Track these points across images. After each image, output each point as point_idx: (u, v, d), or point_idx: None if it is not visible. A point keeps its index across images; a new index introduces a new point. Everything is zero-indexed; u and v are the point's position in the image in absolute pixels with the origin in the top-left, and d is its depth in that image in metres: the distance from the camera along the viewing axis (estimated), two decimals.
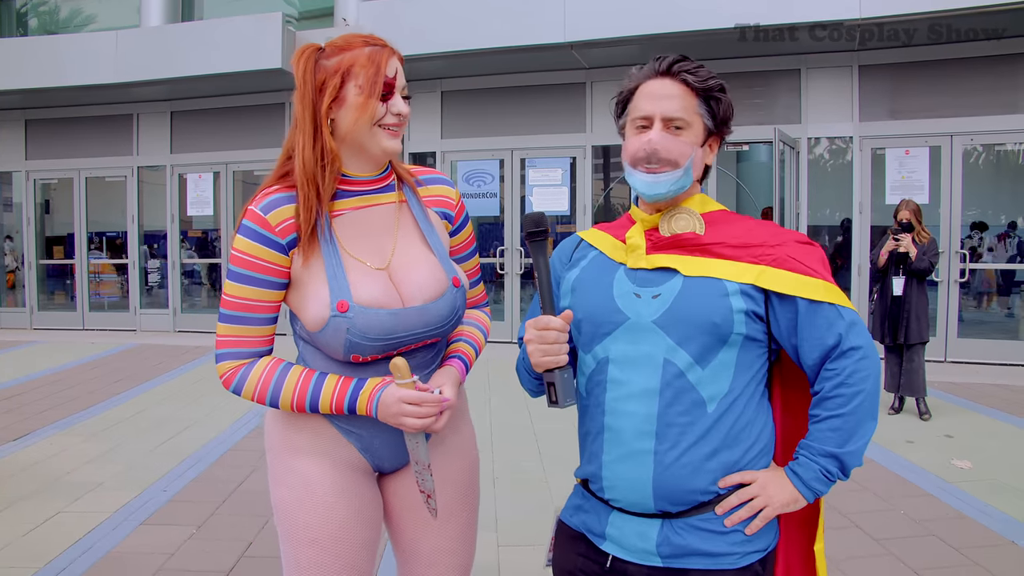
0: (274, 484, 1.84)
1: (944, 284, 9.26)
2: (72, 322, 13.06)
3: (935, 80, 9.35)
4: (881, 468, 5.20)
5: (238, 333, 1.73)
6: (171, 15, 12.49)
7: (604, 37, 9.25)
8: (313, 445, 1.79)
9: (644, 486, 1.56)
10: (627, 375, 1.58)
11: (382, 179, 1.84)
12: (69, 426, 6.41)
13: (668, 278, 1.60)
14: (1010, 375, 8.45)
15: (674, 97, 1.62)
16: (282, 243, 1.70)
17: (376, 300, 1.70)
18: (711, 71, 1.65)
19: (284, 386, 1.72)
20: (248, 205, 1.74)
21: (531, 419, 6.37)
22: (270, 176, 1.79)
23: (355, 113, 1.70)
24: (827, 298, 1.55)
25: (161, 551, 3.92)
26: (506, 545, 3.99)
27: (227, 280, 1.73)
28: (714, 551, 1.55)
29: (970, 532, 4.11)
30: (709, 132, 1.67)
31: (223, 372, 1.75)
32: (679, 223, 1.65)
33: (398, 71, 1.76)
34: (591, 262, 1.75)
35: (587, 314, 1.67)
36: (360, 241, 1.77)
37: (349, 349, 1.69)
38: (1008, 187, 11.68)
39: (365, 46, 1.73)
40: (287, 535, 1.79)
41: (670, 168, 1.61)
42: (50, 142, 13.12)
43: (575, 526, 1.73)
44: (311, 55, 1.73)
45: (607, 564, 1.64)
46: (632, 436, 1.57)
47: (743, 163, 13.99)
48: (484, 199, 11.16)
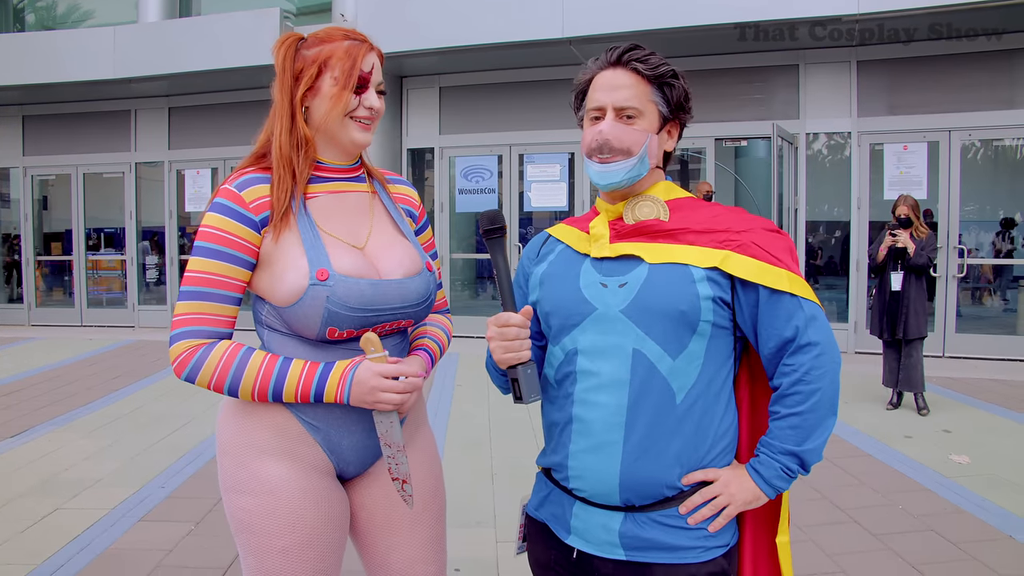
0: (234, 491, 1.73)
1: (942, 279, 9.26)
2: (70, 318, 13.04)
3: (933, 76, 9.34)
4: (879, 463, 5.21)
5: (199, 310, 1.64)
6: (168, 11, 12.45)
7: (602, 32, 9.23)
8: (277, 444, 1.71)
9: (611, 477, 1.56)
10: (597, 366, 1.58)
11: (354, 169, 1.86)
12: (67, 423, 6.41)
13: (633, 266, 1.60)
14: (1008, 370, 8.46)
15: (626, 87, 1.62)
16: (255, 219, 1.67)
17: (356, 270, 1.69)
18: (663, 58, 1.66)
19: (246, 370, 1.64)
20: (221, 184, 1.72)
21: (529, 415, 6.37)
22: (247, 158, 1.78)
23: (328, 104, 1.71)
24: (790, 288, 1.54)
25: (159, 547, 3.92)
26: (504, 541, 3.99)
27: (192, 257, 1.67)
28: (677, 545, 1.56)
29: (968, 527, 4.12)
30: (665, 118, 1.67)
31: (178, 353, 1.64)
32: (643, 210, 1.65)
33: (375, 66, 1.76)
34: (558, 255, 1.75)
35: (555, 306, 1.67)
36: (335, 221, 1.76)
37: (327, 320, 1.64)
38: (1006, 182, 11.69)
39: (345, 39, 1.73)
40: (252, 546, 1.70)
41: (623, 157, 1.61)
42: (48, 138, 13.10)
43: (542, 519, 1.74)
44: (292, 44, 1.75)
45: (573, 556, 1.65)
46: (601, 427, 1.57)
47: (741, 159, 13.96)
48: (482, 195, 11.14)
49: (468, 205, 11.28)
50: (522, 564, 3.25)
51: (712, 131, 10.00)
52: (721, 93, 9.77)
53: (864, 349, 9.40)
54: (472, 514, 4.33)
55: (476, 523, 4.23)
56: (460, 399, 7.14)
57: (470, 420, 6.40)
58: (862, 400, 7.02)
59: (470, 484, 4.81)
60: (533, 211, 11.41)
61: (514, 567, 3.68)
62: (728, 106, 9.87)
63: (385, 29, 9.81)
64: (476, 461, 5.31)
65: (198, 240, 1.66)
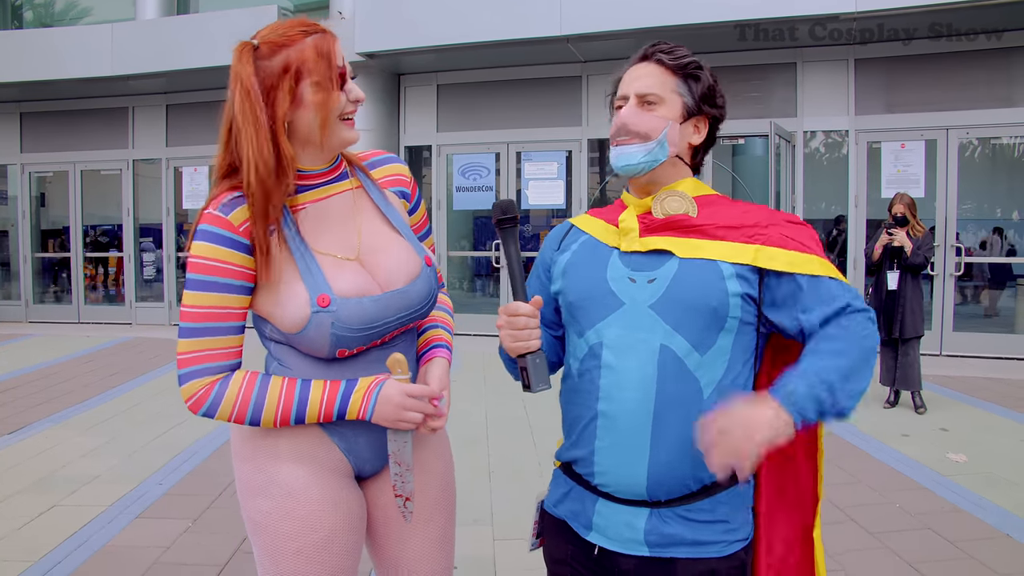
0: (251, 495, 1.70)
1: (939, 278, 9.27)
2: (67, 315, 13.03)
3: (931, 74, 9.35)
4: (876, 462, 5.21)
5: (206, 347, 1.58)
6: (166, 8, 12.43)
7: (600, 30, 9.23)
8: (294, 448, 1.68)
9: (639, 473, 1.55)
10: (622, 361, 1.57)
11: (334, 170, 1.75)
12: (64, 419, 6.41)
13: (663, 261, 1.60)
14: (1005, 368, 8.47)
15: (648, 76, 1.66)
16: (246, 243, 1.58)
17: (356, 289, 1.63)
18: (689, 52, 1.68)
19: (267, 400, 1.60)
20: (203, 211, 1.60)
21: (526, 412, 6.37)
22: (218, 177, 1.65)
23: (319, 112, 1.60)
24: (826, 272, 1.55)
25: (156, 544, 3.92)
26: (502, 539, 3.99)
27: (187, 291, 1.58)
28: (700, 540, 1.56)
29: (965, 525, 4.13)
30: (690, 110, 1.67)
31: (192, 393, 1.59)
32: (671, 205, 1.65)
33: (343, 55, 1.66)
34: (582, 245, 1.74)
35: (579, 297, 1.66)
36: (324, 235, 1.68)
37: (335, 344, 1.61)
38: (1003, 180, 11.69)
39: (306, 36, 1.60)
40: (268, 548, 1.68)
41: (639, 140, 1.63)
42: (45, 135, 13.08)
43: (561, 516, 1.72)
44: (248, 56, 1.58)
45: (594, 553, 1.64)
46: (629, 423, 1.55)
47: (739, 157, 13.96)
48: (480, 193, 11.13)
49: (465, 203, 11.28)
50: (519, 562, 3.23)
51: None
52: None
53: None
54: (470, 512, 4.33)
55: (473, 521, 4.23)
56: (458, 396, 7.14)
57: (467, 418, 6.40)
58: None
59: (467, 482, 4.80)
60: (530, 209, 11.40)
61: (512, 565, 3.68)
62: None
63: (382, 27, 9.81)
64: (473, 459, 5.31)
65: (190, 272, 1.58)
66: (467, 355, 9.03)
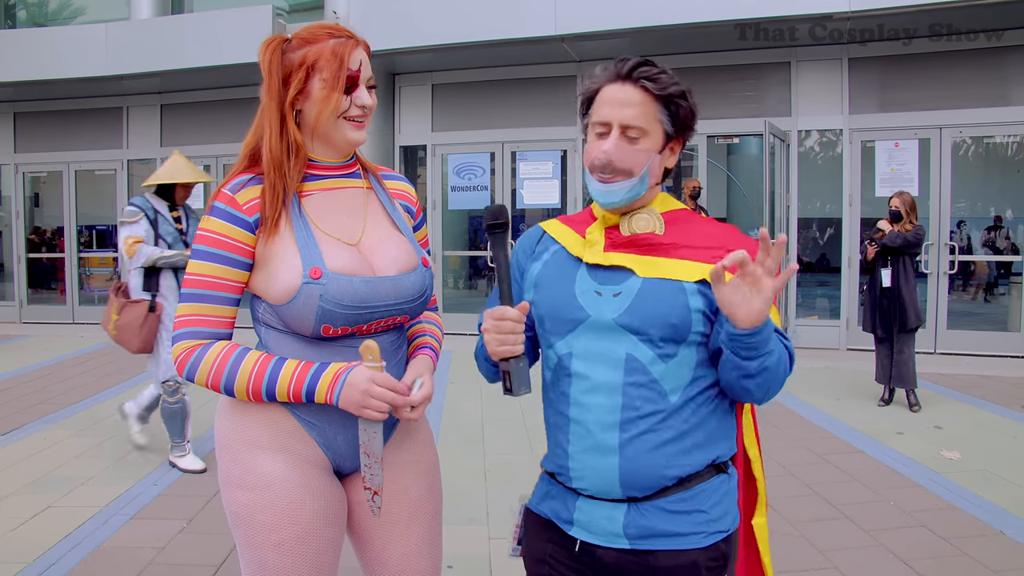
0: (230, 486, 1.75)
1: (934, 276, 9.30)
2: (62, 316, 12.99)
3: (924, 73, 9.37)
4: (870, 459, 5.23)
5: (198, 312, 1.69)
6: (161, 7, 12.41)
7: (595, 30, 9.24)
8: (273, 440, 1.73)
9: (611, 476, 1.59)
10: (590, 369, 1.62)
11: (349, 166, 1.87)
12: (59, 420, 6.39)
13: (626, 277, 1.63)
14: (999, 366, 8.50)
15: (633, 104, 1.61)
16: (249, 221, 1.70)
17: (349, 268, 1.70)
18: (673, 76, 1.64)
19: (240, 369, 1.67)
20: (219, 188, 1.74)
21: (521, 412, 6.38)
22: (239, 159, 1.79)
23: (319, 107, 1.72)
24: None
25: (152, 545, 3.92)
26: (497, 538, 4.00)
27: (191, 260, 1.71)
28: (679, 531, 1.59)
29: (959, 522, 4.14)
30: (668, 137, 1.67)
31: (178, 353, 1.69)
32: (639, 223, 1.68)
33: (363, 62, 1.76)
34: (553, 256, 1.76)
35: (549, 310, 1.70)
36: (330, 219, 1.77)
37: (321, 318, 1.67)
38: (997, 179, 11.74)
39: (330, 38, 1.72)
40: (248, 540, 1.72)
41: (624, 177, 1.63)
42: (39, 135, 13.04)
43: (543, 513, 1.75)
44: (277, 47, 1.74)
45: (575, 549, 1.67)
46: (597, 428, 1.60)
47: (733, 156, 14.01)
48: (475, 192, 11.14)
49: (461, 202, 11.28)
50: (515, 561, 3.25)
51: (704, 128, 9.96)
52: (713, 90, 9.76)
53: (856, 346, 9.43)
54: (465, 511, 4.33)
55: (469, 520, 4.23)
56: (453, 396, 7.14)
57: (463, 417, 6.41)
58: (854, 396, 7.05)
59: (463, 481, 4.82)
60: (526, 208, 11.41)
61: (507, 564, 3.68)
62: (720, 103, 9.87)
63: (377, 25, 9.78)
64: (469, 458, 5.32)
65: (196, 243, 1.70)
66: (462, 354, 9.02)
